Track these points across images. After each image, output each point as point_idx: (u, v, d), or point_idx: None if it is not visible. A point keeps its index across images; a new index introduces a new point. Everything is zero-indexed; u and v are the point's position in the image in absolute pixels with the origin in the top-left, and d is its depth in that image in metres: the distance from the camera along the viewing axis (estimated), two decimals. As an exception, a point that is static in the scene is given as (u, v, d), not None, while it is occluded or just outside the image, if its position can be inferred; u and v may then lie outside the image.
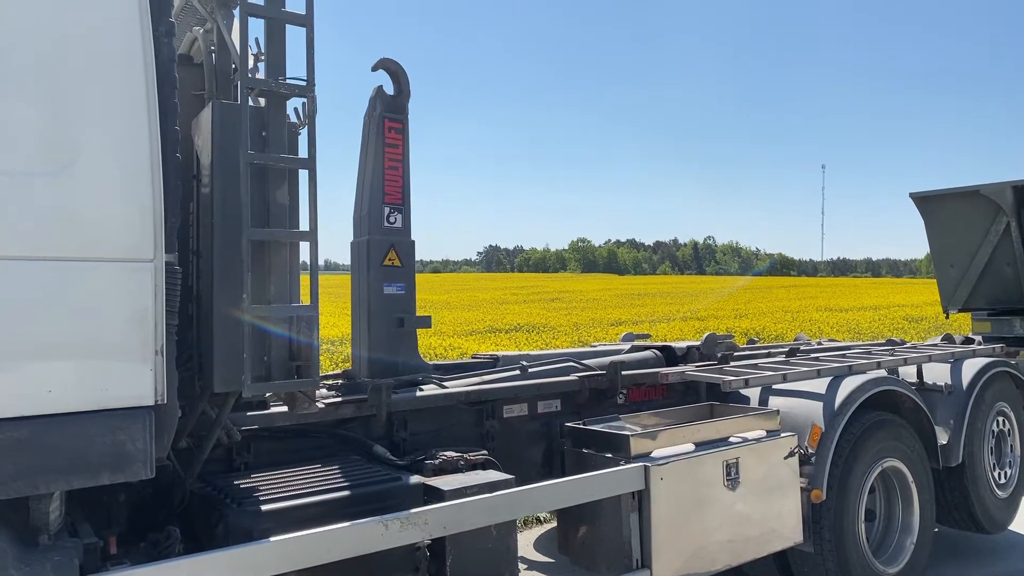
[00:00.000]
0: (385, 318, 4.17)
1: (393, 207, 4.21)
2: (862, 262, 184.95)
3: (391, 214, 4.20)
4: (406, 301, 4.24)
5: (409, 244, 4.27)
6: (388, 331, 4.17)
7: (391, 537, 2.84)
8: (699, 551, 3.80)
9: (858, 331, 22.56)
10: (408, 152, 4.27)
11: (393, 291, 4.19)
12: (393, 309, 4.20)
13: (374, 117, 4.21)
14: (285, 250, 3.05)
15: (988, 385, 5.60)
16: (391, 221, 4.20)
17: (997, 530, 5.69)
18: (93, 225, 2.31)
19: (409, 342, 4.27)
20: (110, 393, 2.31)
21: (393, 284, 4.19)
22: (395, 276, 4.20)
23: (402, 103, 4.24)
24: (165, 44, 2.51)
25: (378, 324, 4.15)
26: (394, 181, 4.20)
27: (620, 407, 4.59)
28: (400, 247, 4.23)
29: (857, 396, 4.61)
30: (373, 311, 4.15)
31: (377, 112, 4.20)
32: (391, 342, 4.19)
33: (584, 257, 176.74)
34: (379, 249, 4.16)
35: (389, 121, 4.19)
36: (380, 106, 4.20)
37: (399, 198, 4.23)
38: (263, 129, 3.02)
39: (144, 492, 3.03)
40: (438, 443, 3.79)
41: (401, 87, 4.25)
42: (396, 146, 4.21)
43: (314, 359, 3.02)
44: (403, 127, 4.23)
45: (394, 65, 4.24)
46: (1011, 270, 9.11)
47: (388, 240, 4.19)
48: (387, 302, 4.18)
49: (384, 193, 4.18)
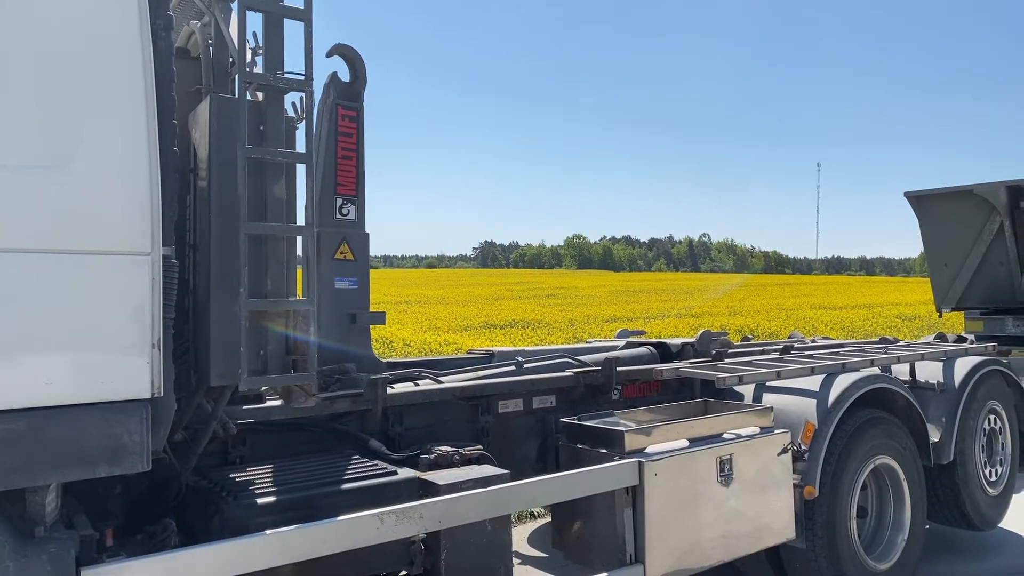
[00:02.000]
0: (335, 313, 3.98)
1: (346, 198, 4.02)
2: (856, 260, 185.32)
3: (343, 205, 4.01)
4: (359, 296, 4.06)
5: (363, 237, 4.08)
6: (339, 327, 3.98)
7: (386, 531, 2.85)
8: (692, 546, 3.82)
9: (852, 329, 22.65)
10: (363, 141, 4.07)
11: (345, 286, 4.00)
12: (344, 304, 4.02)
13: (327, 104, 4.02)
14: (282, 244, 3.05)
15: (980, 383, 5.64)
16: (344, 213, 4.00)
17: (988, 527, 5.73)
18: (91, 218, 2.32)
19: (362, 338, 4.09)
20: (107, 386, 2.32)
21: (345, 279, 4.01)
22: (347, 270, 4.00)
23: (357, 90, 4.05)
24: (163, 38, 2.51)
25: (328, 320, 3.94)
26: (348, 171, 4.02)
27: (615, 403, 4.61)
28: (353, 240, 4.04)
29: (850, 394, 4.63)
30: (323, 306, 3.91)
31: (331, 99, 4.01)
32: (341, 338, 3.99)
33: (579, 254, 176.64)
34: (330, 241, 3.95)
35: (343, 109, 3.99)
36: (334, 93, 4.00)
37: (352, 189, 4.04)
38: (260, 123, 3.02)
39: (140, 485, 3.04)
40: (433, 438, 3.80)
41: (357, 74, 4.05)
42: (350, 135, 4.02)
43: (310, 353, 3.03)
44: (358, 115, 4.05)
45: (349, 51, 4.05)
46: (1004, 269, 9.17)
47: (340, 232, 3.99)
48: (338, 297, 4.00)
49: (336, 184, 4.00)
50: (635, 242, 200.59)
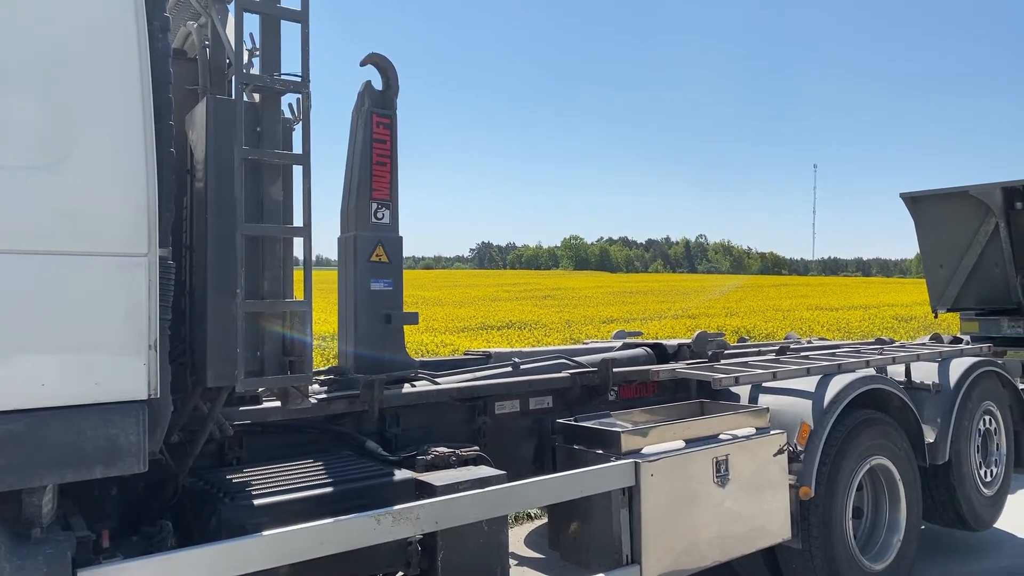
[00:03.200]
0: (372, 314, 4.15)
1: (381, 203, 4.19)
2: (853, 261, 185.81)
3: (378, 210, 4.18)
4: (393, 297, 4.22)
5: (397, 240, 4.25)
6: (375, 327, 4.15)
7: (383, 532, 2.86)
8: (688, 547, 3.83)
9: (848, 330, 22.68)
10: (396, 148, 4.24)
11: (380, 287, 4.17)
12: (380, 305, 4.17)
13: (362, 112, 4.18)
14: (279, 245, 3.05)
15: (975, 384, 5.65)
16: (379, 217, 4.18)
17: (983, 527, 5.75)
18: (87, 220, 2.32)
19: (396, 338, 4.25)
20: (103, 387, 2.32)
21: (380, 280, 4.17)
22: (382, 272, 4.17)
23: (390, 98, 4.22)
24: (160, 39, 2.51)
25: (365, 320, 4.13)
26: (382, 177, 4.18)
27: (611, 404, 4.62)
28: (387, 243, 4.21)
29: (846, 394, 4.64)
30: (360, 307, 4.13)
31: (365, 107, 4.17)
32: (378, 338, 4.16)
33: (576, 255, 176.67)
34: (366, 245, 4.15)
35: (377, 116, 4.17)
36: (368, 101, 4.17)
37: (387, 194, 4.21)
38: (257, 125, 3.03)
39: (137, 486, 3.03)
40: (430, 439, 3.80)
41: (389, 82, 4.22)
42: (384, 141, 4.19)
43: (307, 354, 3.03)
44: (391, 122, 4.21)
45: (383, 60, 4.22)
46: (999, 270, 9.20)
47: (375, 236, 4.16)
48: (374, 298, 4.15)
49: (372, 189, 4.16)
50: (632, 243, 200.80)
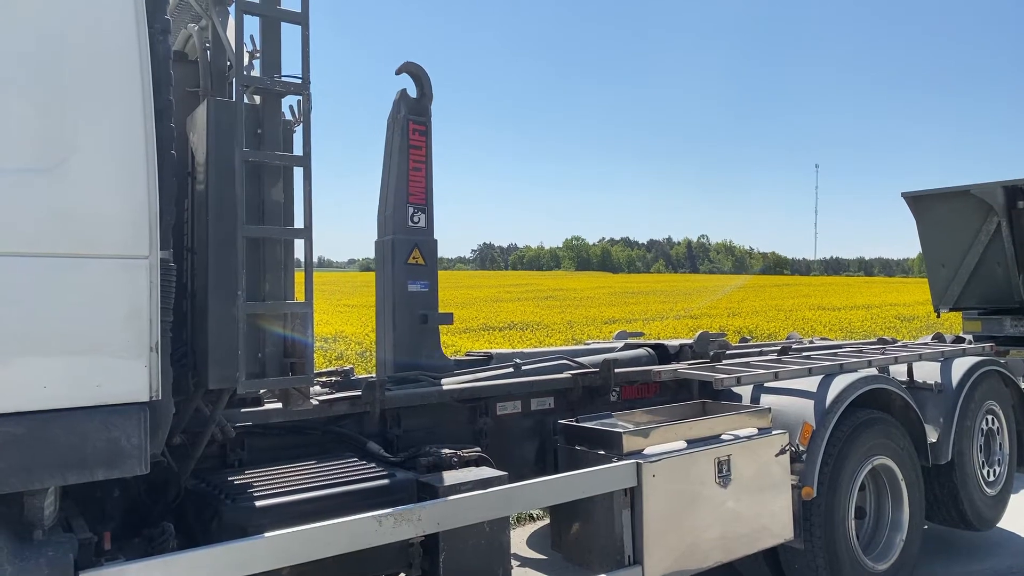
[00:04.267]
0: (409, 315, 4.32)
1: (417, 207, 4.37)
2: (855, 261, 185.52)
3: (415, 214, 4.36)
4: (429, 298, 4.39)
5: (432, 243, 4.43)
6: (412, 328, 4.32)
7: (384, 533, 2.86)
8: (691, 547, 3.82)
9: (850, 330, 22.66)
10: (431, 153, 4.42)
11: (417, 289, 4.35)
12: (417, 306, 4.35)
13: (398, 120, 4.35)
14: (280, 247, 3.06)
15: (978, 384, 5.64)
16: (415, 221, 4.37)
17: (986, 527, 5.74)
18: (88, 222, 2.32)
19: (432, 338, 4.40)
20: (105, 389, 2.32)
21: (417, 282, 4.35)
22: (419, 274, 4.36)
23: (425, 105, 4.40)
24: (161, 42, 2.52)
25: (402, 321, 4.30)
26: (418, 182, 4.37)
27: (613, 404, 4.62)
28: (424, 246, 4.39)
29: (848, 394, 4.64)
30: (398, 308, 4.30)
31: (401, 115, 4.34)
32: (415, 338, 4.33)
33: (578, 255, 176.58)
34: (403, 248, 4.33)
35: (413, 123, 4.36)
36: (404, 109, 4.35)
37: (423, 198, 4.39)
38: (258, 126, 3.03)
39: (139, 488, 3.04)
40: (432, 440, 3.80)
41: (424, 90, 4.41)
42: (420, 148, 4.37)
43: (308, 356, 3.03)
44: (426, 129, 4.39)
45: (417, 69, 4.40)
46: (1001, 270, 9.18)
47: (412, 239, 4.35)
48: (411, 299, 4.33)
49: (408, 193, 4.34)
50: (634, 243, 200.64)
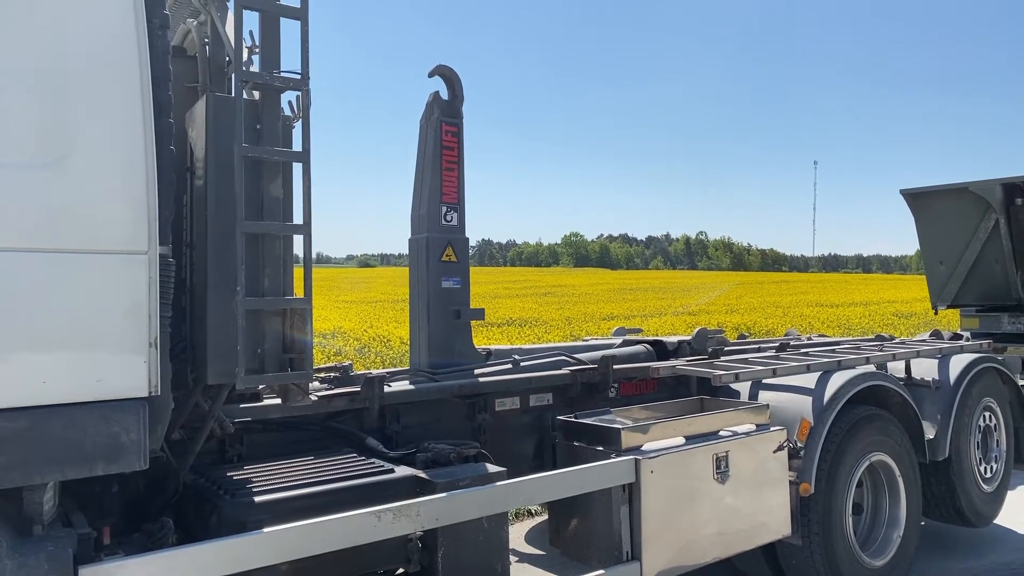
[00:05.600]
0: (443, 310, 4.47)
1: (450, 206, 4.52)
2: (853, 258, 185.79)
3: (448, 212, 4.52)
4: (462, 294, 4.54)
5: (464, 241, 4.59)
6: (446, 323, 4.46)
7: (383, 528, 2.86)
8: (689, 543, 3.83)
9: (848, 327, 22.67)
10: (463, 153, 4.57)
11: (450, 285, 4.50)
12: (450, 302, 4.50)
13: (431, 121, 4.49)
14: (279, 243, 3.05)
15: (975, 381, 5.66)
16: (448, 219, 4.52)
17: (983, 524, 5.76)
18: (88, 217, 2.32)
19: (464, 333, 4.55)
20: (104, 385, 2.33)
21: (450, 279, 4.51)
22: (452, 271, 4.52)
23: (457, 107, 4.54)
24: (160, 37, 2.51)
25: (437, 316, 4.45)
26: (451, 182, 4.52)
27: (612, 401, 4.63)
28: (456, 244, 4.54)
29: (846, 391, 4.65)
30: (432, 304, 4.44)
31: (435, 116, 4.47)
32: (449, 333, 4.48)
33: (577, 252, 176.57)
34: (437, 246, 4.47)
35: (446, 125, 4.48)
36: (437, 111, 4.48)
37: (455, 197, 4.54)
38: (257, 122, 3.02)
39: (138, 483, 3.04)
40: (430, 436, 3.81)
41: (455, 92, 4.54)
42: (452, 148, 4.52)
43: (307, 352, 3.03)
44: (458, 130, 4.54)
45: (449, 72, 4.52)
46: (999, 267, 9.19)
47: (445, 237, 4.50)
48: (444, 295, 4.48)
49: (442, 193, 4.48)
50: (632, 240, 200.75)
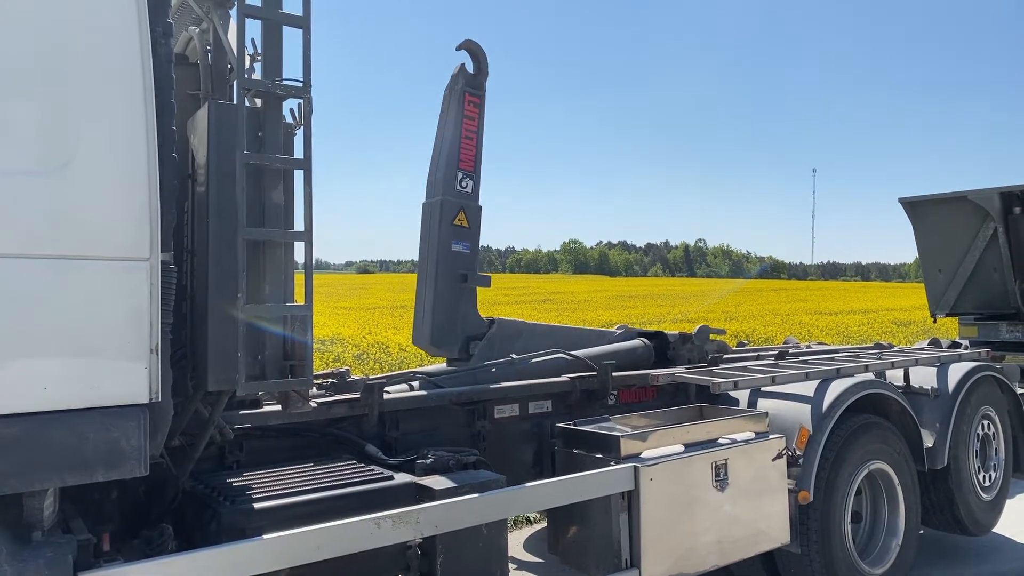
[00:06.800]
0: (451, 273, 4.62)
1: (466, 173, 4.66)
2: (852, 266, 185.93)
3: (463, 179, 4.66)
4: (470, 260, 4.68)
5: (477, 209, 4.72)
6: (452, 285, 4.59)
7: (383, 535, 2.86)
8: (688, 551, 3.83)
9: (847, 334, 22.67)
10: (483, 126, 4.71)
11: (460, 249, 4.65)
12: (458, 265, 4.64)
13: (455, 91, 4.65)
14: (280, 250, 3.06)
15: (974, 389, 5.66)
16: (463, 186, 4.66)
17: (981, 532, 5.75)
18: (89, 224, 2.33)
19: (470, 297, 4.70)
20: (105, 391, 2.33)
21: (460, 243, 4.66)
22: (462, 236, 4.66)
23: (481, 82, 4.70)
24: (163, 45, 2.53)
25: (444, 278, 4.59)
26: (469, 150, 4.66)
27: (611, 408, 4.63)
28: (469, 210, 4.68)
29: (845, 399, 4.65)
30: (441, 266, 4.57)
31: (459, 86, 4.63)
32: (454, 296, 4.62)
33: (575, 258, 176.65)
34: (451, 209, 4.61)
35: (469, 95, 4.64)
36: (462, 81, 4.64)
37: (472, 166, 4.68)
38: (259, 129, 3.04)
39: (137, 490, 3.04)
40: (430, 443, 3.81)
41: (480, 67, 4.71)
42: (473, 119, 4.67)
43: (308, 358, 3.04)
44: (480, 102, 4.69)
45: (476, 47, 4.69)
46: (998, 275, 9.19)
47: (459, 202, 4.64)
48: (453, 259, 4.62)
49: (459, 159, 4.62)
50: (631, 247, 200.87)
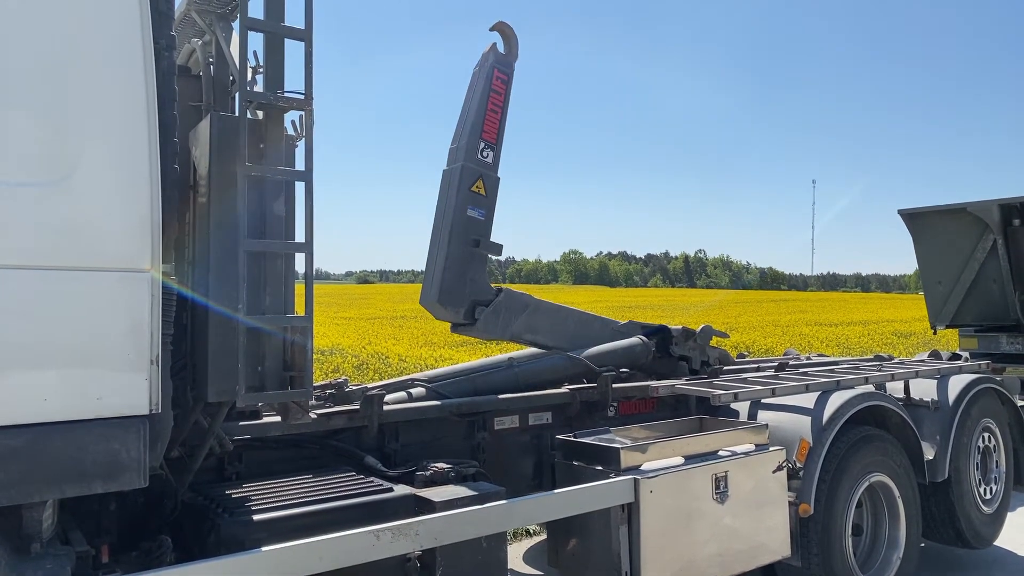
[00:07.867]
0: (463, 237, 4.77)
1: (488, 144, 4.86)
2: (852, 277, 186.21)
3: (485, 149, 4.85)
4: (484, 226, 4.86)
5: (495, 180, 4.91)
6: (464, 250, 4.76)
7: (382, 547, 2.85)
8: (688, 564, 3.82)
9: (847, 346, 22.65)
10: (508, 103, 4.95)
11: (475, 215, 4.82)
12: (472, 231, 4.81)
13: (485, 67, 4.89)
14: (280, 261, 3.07)
15: (974, 401, 5.65)
16: (484, 155, 4.86)
17: (983, 545, 5.73)
18: (91, 235, 2.33)
19: (480, 263, 4.87)
20: (105, 402, 2.33)
21: (476, 209, 4.83)
22: (478, 202, 4.84)
23: (510, 62, 4.95)
24: (165, 57, 2.54)
25: (456, 241, 4.75)
26: (493, 122, 4.88)
27: (611, 420, 4.63)
28: (487, 180, 4.87)
29: (845, 411, 4.65)
30: (455, 229, 4.74)
31: (489, 63, 4.88)
32: (465, 260, 4.78)
33: (576, 269, 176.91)
34: (470, 175, 4.79)
35: (498, 71, 4.89)
36: (493, 58, 4.89)
37: (494, 137, 4.89)
38: (260, 141, 3.05)
39: (136, 501, 3.04)
40: (429, 454, 3.80)
41: (511, 48, 4.96)
42: (500, 93, 4.90)
43: (308, 370, 3.04)
44: (508, 80, 4.93)
45: (508, 29, 4.95)
46: (997, 287, 9.20)
47: (479, 170, 4.82)
48: (468, 223, 4.79)
49: (483, 130, 4.83)
50: (631, 258, 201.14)
